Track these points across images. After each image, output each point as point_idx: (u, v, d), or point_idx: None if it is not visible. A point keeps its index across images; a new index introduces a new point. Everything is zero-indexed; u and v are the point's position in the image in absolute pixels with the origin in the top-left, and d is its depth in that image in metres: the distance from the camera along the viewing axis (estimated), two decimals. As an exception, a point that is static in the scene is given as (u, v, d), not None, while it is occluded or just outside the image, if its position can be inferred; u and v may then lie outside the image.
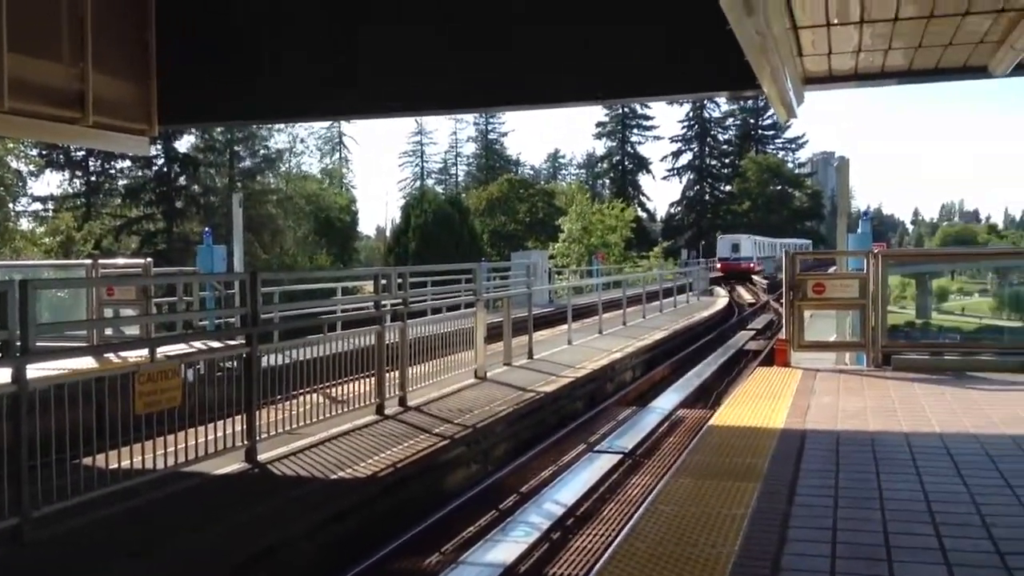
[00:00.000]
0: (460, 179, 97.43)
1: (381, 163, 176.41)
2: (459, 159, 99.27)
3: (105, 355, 9.05)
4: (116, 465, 6.04)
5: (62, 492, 5.65)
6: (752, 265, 57.16)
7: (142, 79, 13.62)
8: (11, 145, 38.50)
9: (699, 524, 4.70)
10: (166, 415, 6.39)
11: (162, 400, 6.26)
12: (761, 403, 8.25)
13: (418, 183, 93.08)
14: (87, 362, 8.19)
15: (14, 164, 43.54)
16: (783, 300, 11.29)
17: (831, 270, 15.65)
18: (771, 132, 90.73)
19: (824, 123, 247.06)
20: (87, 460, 5.85)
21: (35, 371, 5.70)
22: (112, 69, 12.97)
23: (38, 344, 5.70)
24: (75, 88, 12.42)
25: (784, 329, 10.99)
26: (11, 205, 43.56)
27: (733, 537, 4.47)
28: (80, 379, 6.08)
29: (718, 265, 56.31)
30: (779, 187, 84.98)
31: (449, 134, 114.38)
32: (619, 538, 4.59)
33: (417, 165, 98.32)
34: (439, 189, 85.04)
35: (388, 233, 67.49)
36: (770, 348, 16.49)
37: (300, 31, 11.75)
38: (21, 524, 5.35)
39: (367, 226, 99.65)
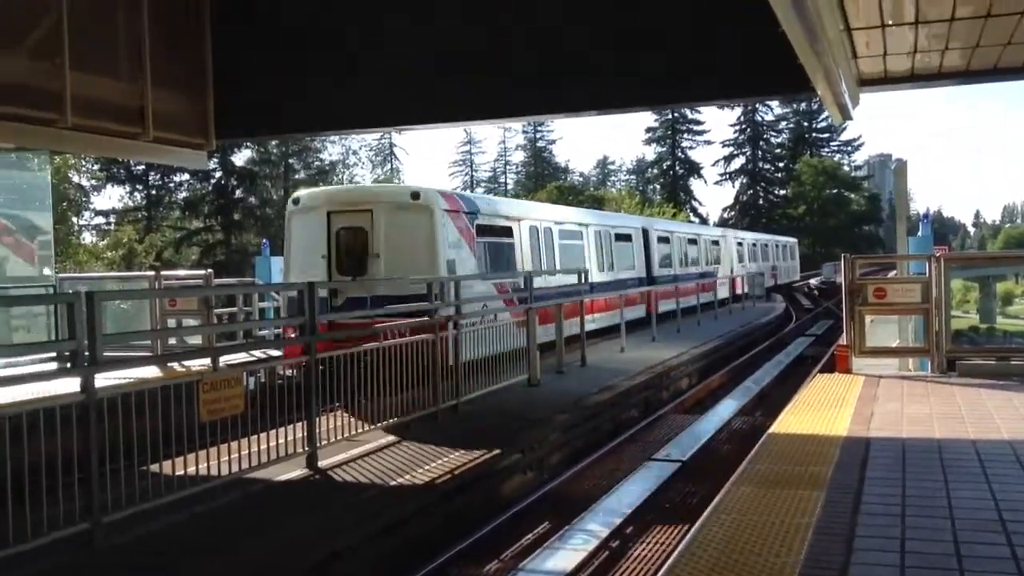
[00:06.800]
0: (509, 187, 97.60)
1: (431, 173, 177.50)
2: (508, 167, 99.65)
3: (169, 364, 9.24)
4: (183, 471, 6.17)
5: (131, 499, 5.79)
6: None
7: (199, 95, 13.91)
8: (73, 160, 39.52)
9: (762, 533, 4.63)
10: (229, 422, 6.50)
11: (225, 408, 6.38)
12: (823, 410, 8.11)
13: (468, 192, 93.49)
14: (152, 371, 8.38)
15: (76, 179, 44.79)
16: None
17: (890, 274, 15.35)
18: (826, 135, 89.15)
19: (881, 124, 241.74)
20: (154, 467, 5.98)
21: (102, 380, 5.84)
22: (170, 85, 13.27)
23: (104, 354, 5.85)
24: (135, 104, 12.72)
25: (844, 335, 10.79)
26: (74, 219, 44.74)
27: (798, 547, 4.40)
28: (146, 388, 6.23)
29: None
30: (835, 190, 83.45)
31: (498, 143, 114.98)
32: (680, 547, 4.55)
33: (467, 174, 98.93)
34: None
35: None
36: (830, 354, 16.21)
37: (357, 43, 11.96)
38: (92, 529, 5.49)
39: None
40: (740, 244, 35.92)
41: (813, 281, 51.25)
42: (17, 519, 5.09)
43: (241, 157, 54.00)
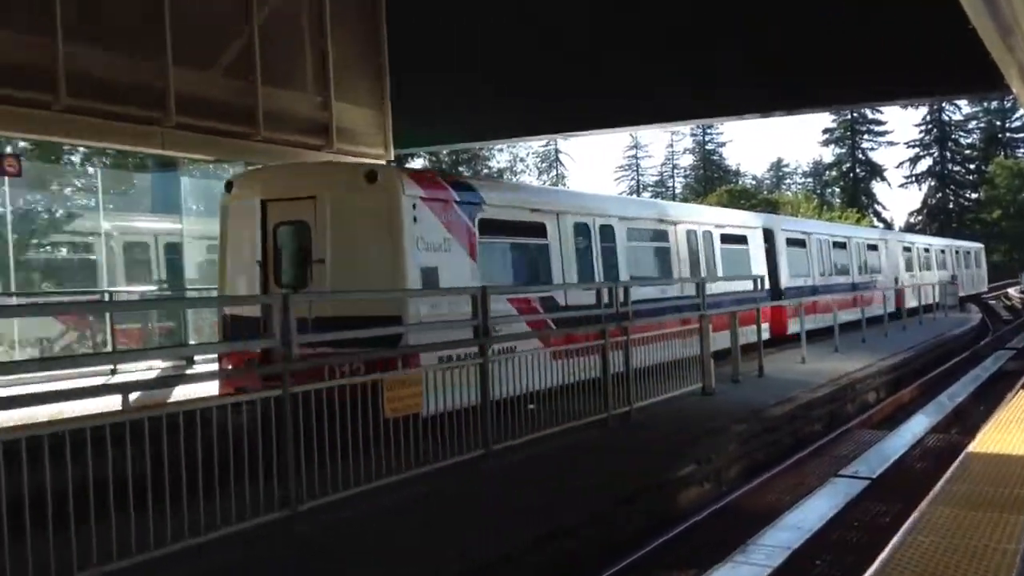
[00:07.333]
0: (677, 191, 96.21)
1: (597, 178, 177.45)
2: (676, 171, 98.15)
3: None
4: (370, 465, 6.45)
5: (323, 489, 6.10)
6: None
7: (378, 107, 14.65)
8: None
9: (964, 558, 4.33)
10: (410, 420, 6.74)
11: (408, 406, 6.63)
12: (1028, 429, 7.51)
13: (634, 197, 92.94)
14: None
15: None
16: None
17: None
18: (1021, 135, 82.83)
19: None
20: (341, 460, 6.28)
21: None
22: (352, 98, 14.05)
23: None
24: (321, 117, 13.52)
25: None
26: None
27: (1005, 574, 4.09)
28: (335, 385, 6.55)
29: None
30: (1034, 194, 77.15)
31: (665, 147, 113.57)
32: (873, 568, 4.32)
33: (633, 179, 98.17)
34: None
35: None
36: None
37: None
38: (292, 516, 5.82)
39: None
40: (908, 250, 30.62)
41: (1012, 291, 47.57)
42: (223, 502, 5.47)
43: (415, 165, 56.07)
